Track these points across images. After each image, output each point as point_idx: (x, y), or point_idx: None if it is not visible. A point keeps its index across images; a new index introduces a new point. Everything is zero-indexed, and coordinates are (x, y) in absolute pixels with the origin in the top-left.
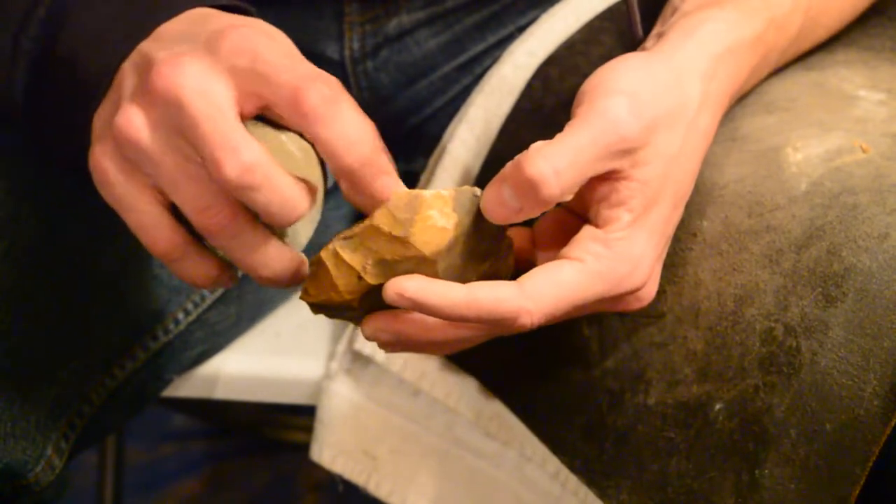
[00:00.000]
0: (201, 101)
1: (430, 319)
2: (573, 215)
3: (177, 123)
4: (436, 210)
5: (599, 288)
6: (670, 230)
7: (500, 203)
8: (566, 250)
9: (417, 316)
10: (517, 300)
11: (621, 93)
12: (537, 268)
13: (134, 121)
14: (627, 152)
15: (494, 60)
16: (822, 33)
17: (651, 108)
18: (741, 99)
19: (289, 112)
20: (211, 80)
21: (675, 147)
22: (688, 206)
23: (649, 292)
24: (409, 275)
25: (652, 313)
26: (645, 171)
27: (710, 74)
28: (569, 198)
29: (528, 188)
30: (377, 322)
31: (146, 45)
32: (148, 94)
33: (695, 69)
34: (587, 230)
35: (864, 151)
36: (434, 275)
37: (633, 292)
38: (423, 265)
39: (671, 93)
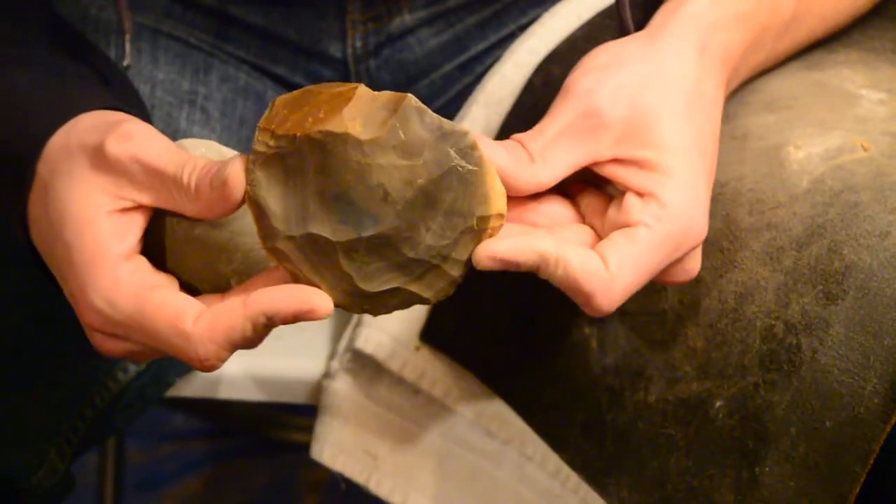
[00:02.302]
0: (143, 335)
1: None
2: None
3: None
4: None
5: (667, 248)
6: (710, 187)
7: None
8: (623, 216)
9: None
10: (602, 284)
11: (590, 70)
12: (612, 239)
13: (111, 348)
14: (605, 125)
15: (496, 59)
16: (818, 25)
17: (619, 78)
18: (741, 96)
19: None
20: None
21: (677, 111)
22: None
23: (695, 266)
24: (496, 238)
25: (652, 310)
26: (652, 142)
27: (702, 45)
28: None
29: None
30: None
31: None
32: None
33: (687, 40)
34: (632, 198)
35: (865, 150)
36: None
37: (689, 252)
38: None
39: (649, 62)
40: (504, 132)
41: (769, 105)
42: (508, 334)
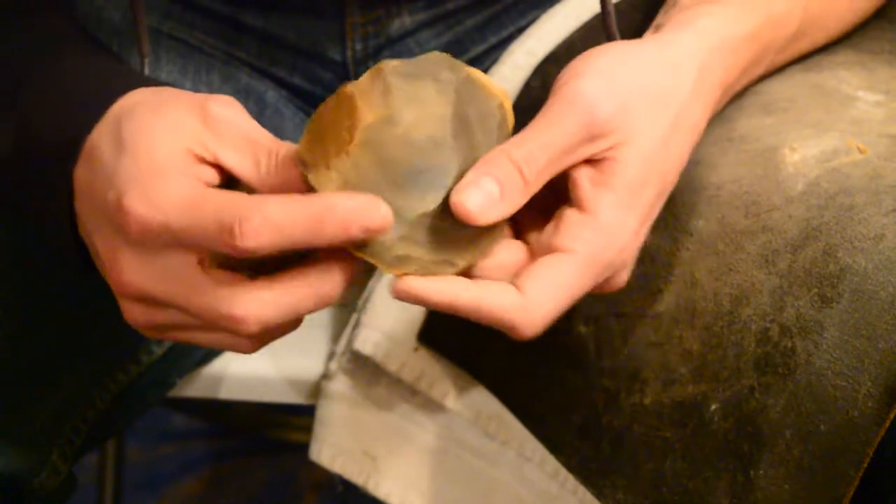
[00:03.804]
0: (172, 294)
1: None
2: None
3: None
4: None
5: (593, 273)
6: (653, 216)
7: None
8: (556, 240)
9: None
10: (520, 313)
11: (594, 74)
12: (535, 267)
13: (139, 317)
14: (602, 135)
15: (495, 61)
16: (820, 36)
17: (624, 87)
18: (738, 99)
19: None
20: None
21: (662, 128)
22: (684, 206)
23: (624, 278)
24: (417, 277)
25: (648, 313)
26: (625, 152)
27: (706, 66)
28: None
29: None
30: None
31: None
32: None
33: (693, 58)
34: (572, 215)
35: (860, 152)
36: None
37: (613, 276)
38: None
39: (654, 73)
40: None
41: (766, 107)
42: (506, 336)
